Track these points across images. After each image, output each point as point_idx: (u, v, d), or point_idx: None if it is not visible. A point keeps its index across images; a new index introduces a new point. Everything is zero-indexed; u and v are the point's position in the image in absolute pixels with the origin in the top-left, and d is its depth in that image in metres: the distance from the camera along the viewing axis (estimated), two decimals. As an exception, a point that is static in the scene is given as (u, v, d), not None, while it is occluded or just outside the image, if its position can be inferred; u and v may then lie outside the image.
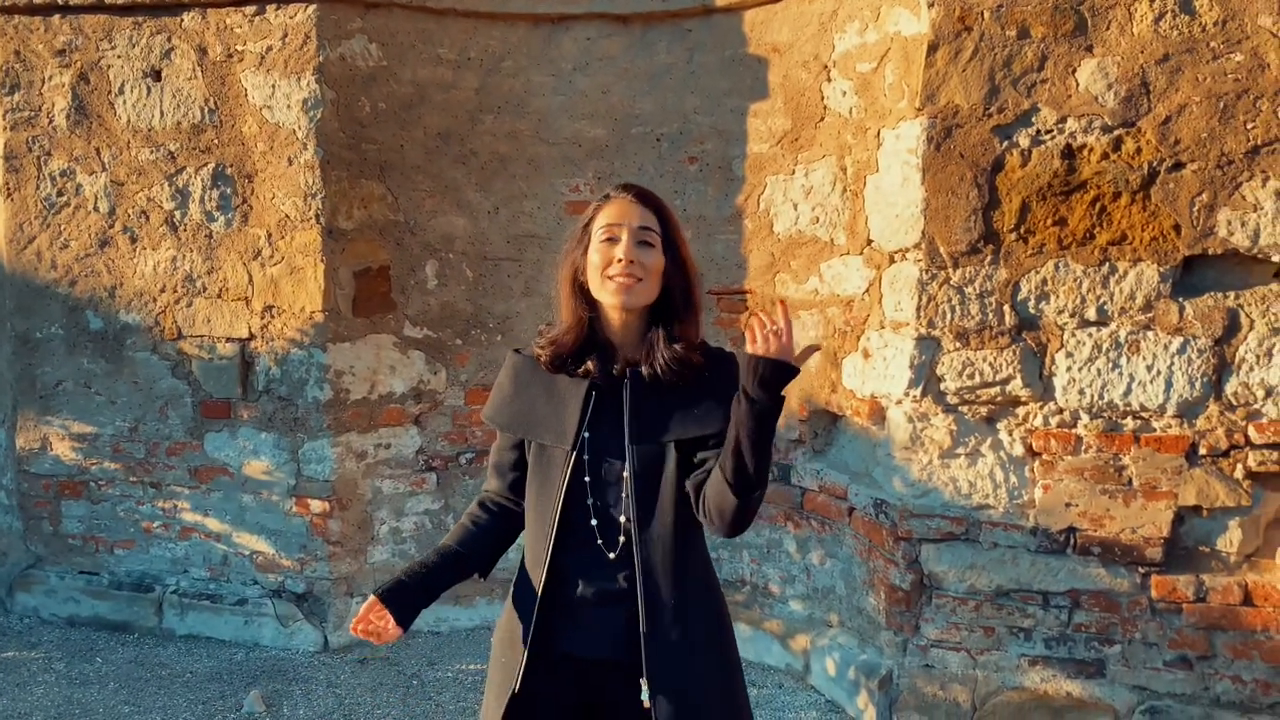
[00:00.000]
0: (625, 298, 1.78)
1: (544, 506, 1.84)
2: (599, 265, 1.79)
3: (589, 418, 1.83)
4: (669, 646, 1.80)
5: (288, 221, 3.90)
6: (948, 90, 3.21)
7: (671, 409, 1.81)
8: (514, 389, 1.93)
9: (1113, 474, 3.19)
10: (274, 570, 4.08)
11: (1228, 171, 3.03)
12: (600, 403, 1.83)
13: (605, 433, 1.82)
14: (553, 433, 1.85)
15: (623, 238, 1.77)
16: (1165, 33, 3.04)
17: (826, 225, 3.73)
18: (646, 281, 1.78)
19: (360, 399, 4.05)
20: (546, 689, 1.83)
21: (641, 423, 1.81)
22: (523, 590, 1.88)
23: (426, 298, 4.17)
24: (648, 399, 1.82)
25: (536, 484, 1.87)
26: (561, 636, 1.83)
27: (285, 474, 4.03)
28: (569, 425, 1.83)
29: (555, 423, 1.85)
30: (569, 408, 1.84)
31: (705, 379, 1.82)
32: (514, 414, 1.91)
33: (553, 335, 1.89)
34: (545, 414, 1.87)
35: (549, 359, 1.87)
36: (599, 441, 1.82)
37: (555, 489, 1.82)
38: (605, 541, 1.81)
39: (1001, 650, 3.33)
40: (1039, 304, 3.21)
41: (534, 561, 1.85)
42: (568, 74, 4.12)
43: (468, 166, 4.16)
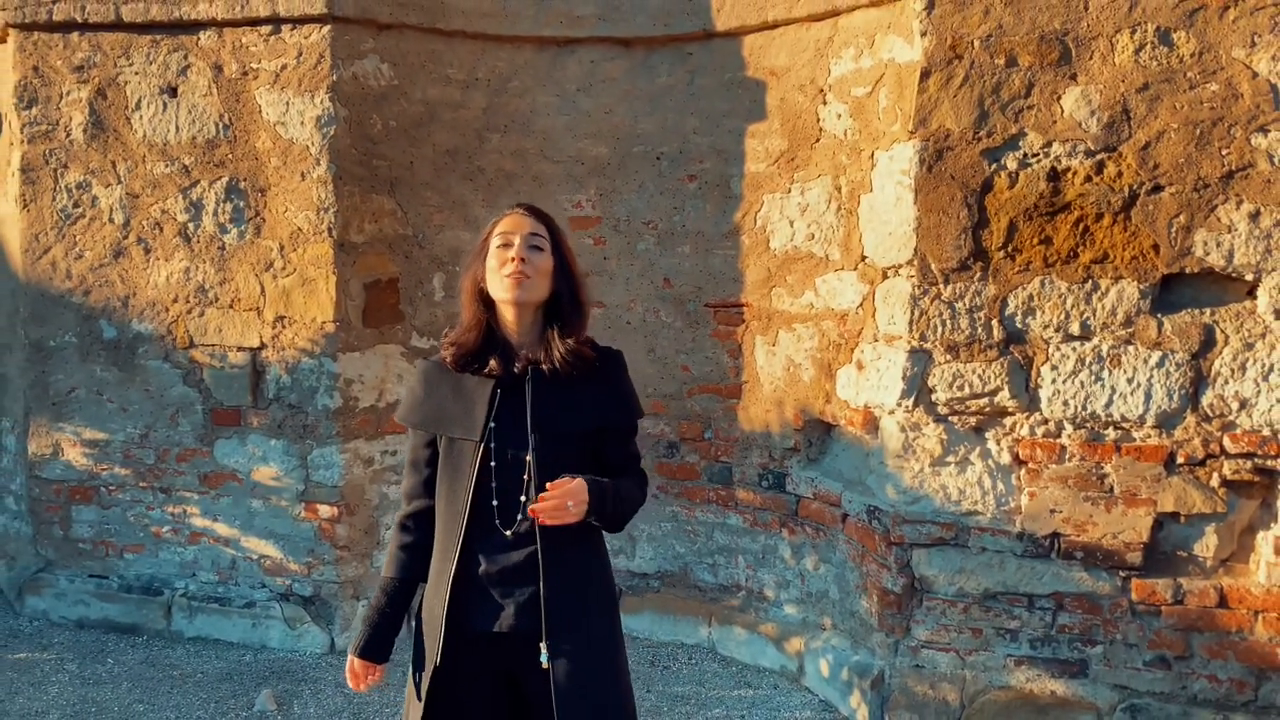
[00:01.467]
0: (518, 291, 1.99)
1: (455, 494, 2.02)
2: (496, 267, 2.01)
3: (494, 411, 2.01)
4: (566, 613, 2.00)
5: (300, 234, 4.02)
6: (939, 115, 3.37)
7: (570, 401, 2.03)
8: (425, 391, 2.10)
9: (1095, 482, 3.34)
10: (282, 574, 4.19)
11: (1204, 195, 3.19)
12: (504, 397, 2.02)
13: (509, 424, 2.01)
14: (462, 426, 2.03)
15: (515, 242, 2.01)
16: (1145, 63, 3.21)
17: (822, 242, 3.88)
18: (536, 279, 2.00)
19: (368, 407, 4.17)
20: (467, 662, 2.01)
21: (542, 413, 2.01)
22: (438, 573, 2.04)
23: (433, 309, 4.29)
24: (548, 392, 2.02)
25: (448, 475, 2.04)
26: (474, 613, 2.01)
27: (294, 480, 4.13)
28: (477, 418, 2.01)
29: (464, 418, 2.03)
30: (476, 404, 2.02)
31: (597, 371, 2.06)
32: (426, 413, 2.08)
33: (454, 337, 2.08)
34: (455, 411, 2.05)
35: (454, 358, 2.05)
36: (503, 431, 2.01)
37: (466, 478, 2.01)
38: (503, 521, 2.00)
39: (989, 651, 3.47)
40: (1025, 319, 3.36)
41: (446, 545, 2.02)
42: (572, 95, 4.26)
43: (475, 183, 4.29)
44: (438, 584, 2.03)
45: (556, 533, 1.97)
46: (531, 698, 2.04)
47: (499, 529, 2.00)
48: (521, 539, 2.00)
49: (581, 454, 2.05)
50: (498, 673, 2.06)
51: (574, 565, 2.04)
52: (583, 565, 2.06)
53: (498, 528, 2.00)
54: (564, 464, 2.00)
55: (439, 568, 2.04)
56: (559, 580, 2.00)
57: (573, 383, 2.04)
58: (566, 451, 2.02)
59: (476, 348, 2.04)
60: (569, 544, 2.02)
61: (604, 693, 2.03)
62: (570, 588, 2.02)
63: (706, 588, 4.35)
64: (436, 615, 2.01)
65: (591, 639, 2.03)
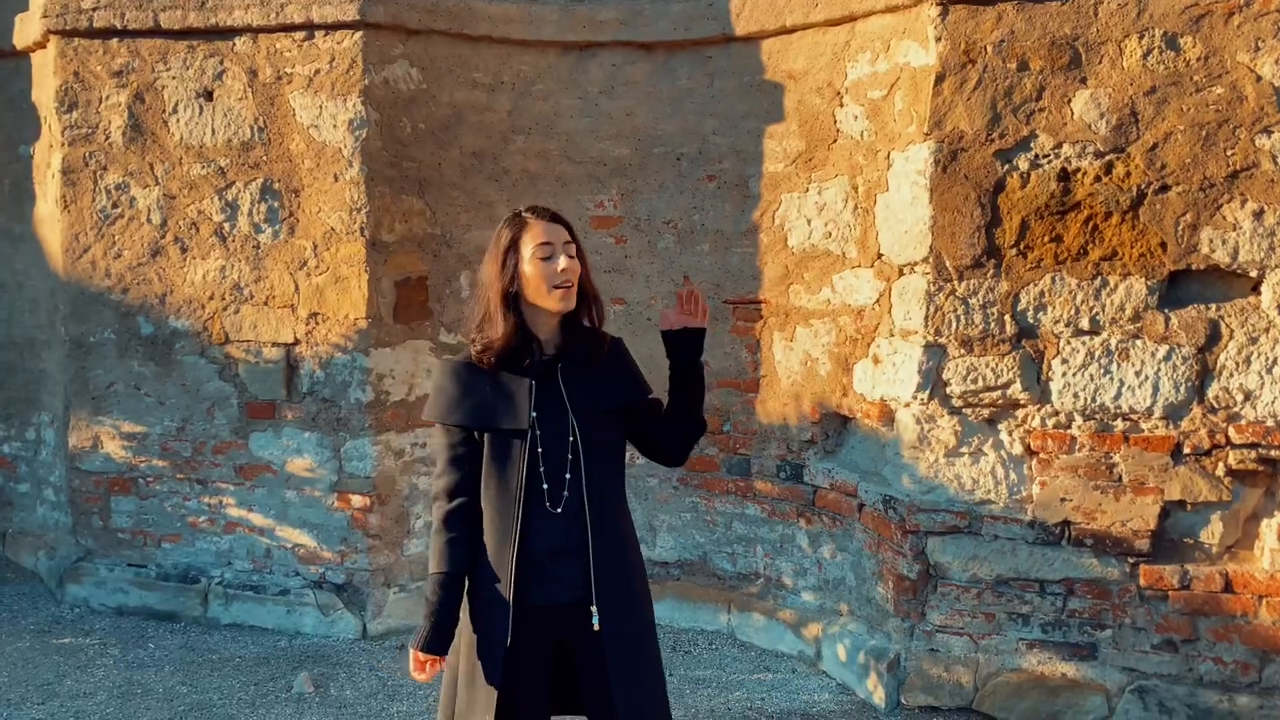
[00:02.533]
0: (568, 302, 2.19)
1: (506, 482, 2.16)
2: (542, 278, 2.16)
3: (534, 402, 2.18)
4: (612, 579, 2.18)
5: (333, 234, 4.16)
6: (954, 117, 3.49)
7: (596, 384, 2.24)
8: (460, 390, 2.22)
9: (1104, 471, 3.46)
10: (315, 562, 4.33)
11: (1210, 194, 3.31)
12: (540, 388, 2.18)
13: (549, 411, 2.18)
14: (509, 419, 2.17)
15: (559, 255, 2.17)
16: (1153, 67, 3.32)
17: (839, 240, 4.00)
18: (576, 286, 2.20)
19: (399, 400, 4.30)
20: (528, 637, 2.16)
21: (578, 398, 2.20)
22: (499, 557, 2.16)
23: (460, 306, 4.43)
24: (578, 379, 2.21)
25: (496, 465, 2.17)
26: (534, 589, 2.16)
27: (327, 471, 4.28)
28: (521, 410, 2.17)
29: (509, 411, 2.18)
30: (518, 396, 2.18)
31: (611, 356, 2.29)
32: (468, 410, 2.20)
33: (488, 340, 2.20)
34: (499, 406, 2.19)
35: (494, 358, 2.18)
36: (545, 419, 2.18)
37: (516, 465, 2.16)
38: (552, 501, 2.15)
39: (1001, 635, 3.59)
40: (1037, 314, 3.48)
41: (503, 530, 2.16)
42: (594, 97, 4.39)
43: (500, 184, 4.42)
44: (499, 566, 2.16)
45: (600, 505, 2.16)
46: (580, 660, 2.21)
47: (548, 509, 2.15)
48: (568, 515, 2.16)
49: (613, 430, 2.25)
50: (552, 643, 2.21)
51: (614, 534, 2.22)
52: (621, 534, 2.25)
53: (547, 508, 2.15)
54: (602, 440, 2.20)
55: (498, 552, 2.17)
56: (604, 548, 2.17)
57: (593, 368, 2.24)
58: (601, 430, 2.21)
59: (512, 348, 2.18)
60: (610, 515, 2.20)
61: (647, 651, 2.23)
62: (613, 555, 2.19)
63: (725, 576, 4.48)
64: (501, 596, 2.14)
65: (632, 601, 2.22)
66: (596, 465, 2.18)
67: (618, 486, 2.28)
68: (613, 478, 2.25)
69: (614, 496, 2.24)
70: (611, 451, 2.25)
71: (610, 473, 2.24)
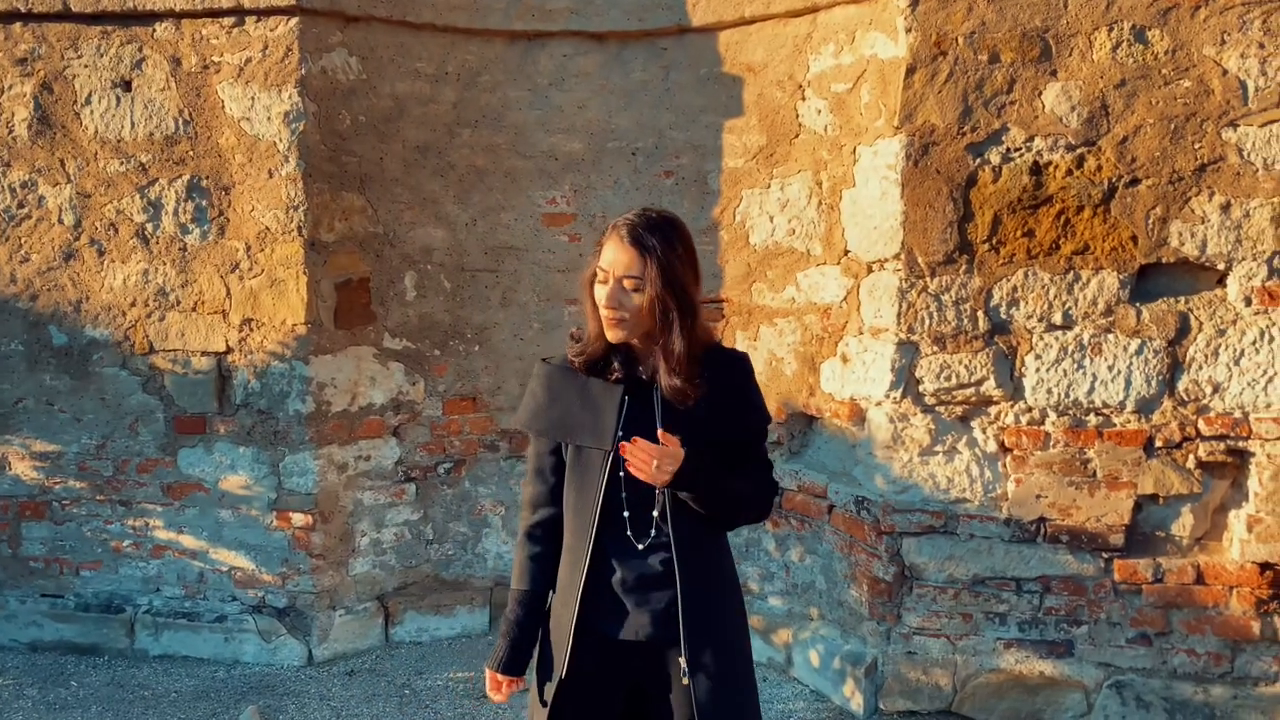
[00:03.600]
0: (615, 334, 1.94)
1: (584, 503, 1.98)
2: (596, 303, 1.97)
3: (623, 420, 1.96)
4: (703, 623, 1.97)
5: (268, 234, 3.88)
6: (925, 110, 3.42)
7: (698, 409, 1.96)
8: (548, 397, 2.05)
9: (1078, 467, 3.44)
10: (254, 585, 4.04)
11: (1178, 187, 3.31)
12: (633, 405, 1.98)
13: (638, 433, 1.94)
14: (591, 435, 1.98)
15: (608, 285, 1.93)
16: (1122, 60, 3.31)
17: (803, 237, 3.91)
18: (631, 320, 1.92)
19: (341, 411, 4.05)
20: (594, 672, 1.99)
21: (671, 424, 1.95)
22: (568, 582, 2.01)
23: (405, 309, 4.20)
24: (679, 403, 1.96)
25: (575, 483, 2.01)
26: (605, 621, 1.98)
27: (265, 488, 4.00)
28: (606, 427, 1.97)
29: (592, 426, 1.98)
30: (604, 411, 1.98)
31: (717, 380, 1.98)
32: (552, 420, 2.04)
33: (584, 344, 2.04)
34: (582, 418, 2.00)
35: (584, 363, 2.01)
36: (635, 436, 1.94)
37: (594, 488, 1.97)
38: (635, 533, 1.96)
39: (979, 635, 3.54)
40: (1009, 310, 3.44)
41: (576, 555, 1.99)
42: (544, 89, 4.21)
43: (446, 179, 4.21)
44: (567, 593, 1.99)
45: (691, 539, 1.95)
46: (658, 710, 2.01)
47: (630, 540, 1.97)
48: (654, 548, 1.97)
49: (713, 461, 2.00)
50: (624, 683, 2.03)
51: (708, 572, 2.01)
52: (716, 572, 2.04)
53: (629, 539, 1.97)
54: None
55: (568, 577, 2.00)
56: (695, 589, 1.96)
57: (699, 391, 1.97)
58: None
59: (603, 356, 1.99)
60: (703, 550, 1.99)
61: (743, 706, 2.01)
62: (706, 596, 1.98)
63: (687, 583, 4.35)
64: (565, 624, 1.97)
65: (727, 647, 2.00)
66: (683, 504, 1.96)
67: (712, 524, 2.03)
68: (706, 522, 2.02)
69: (710, 534, 2.01)
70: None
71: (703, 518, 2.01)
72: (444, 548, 4.36)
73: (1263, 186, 3.26)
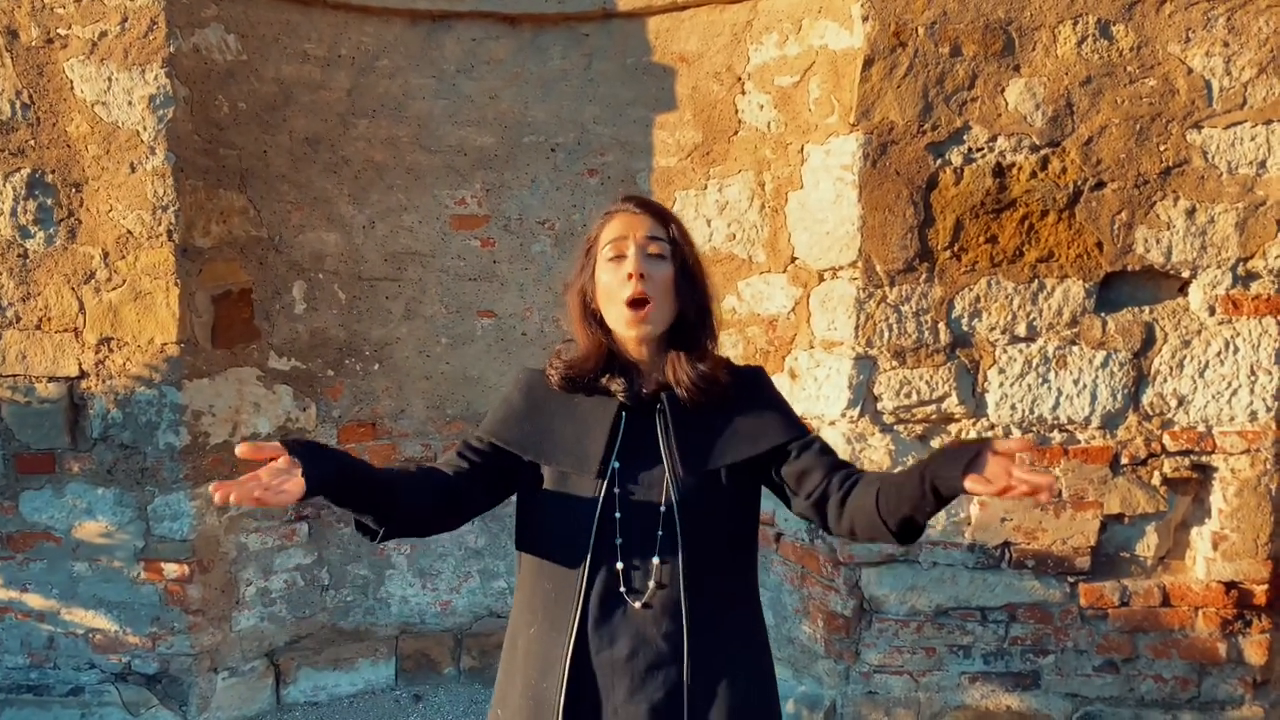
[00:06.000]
0: (644, 328, 1.59)
1: (570, 546, 1.57)
2: (612, 289, 1.60)
3: (619, 444, 1.59)
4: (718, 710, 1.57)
5: (130, 238, 3.31)
6: (883, 106, 3.15)
7: (714, 433, 1.61)
8: (527, 405, 1.67)
9: (1044, 487, 3.23)
10: (117, 650, 3.45)
11: (1144, 191, 3.15)
12: (630, 427, 1.61)
13: (638, 462, 1.59)
14: (573, 457, 1.59)
15: (630, 252, 1.58)
16: (1087, 56, 3.12)
17: (744, 242, 3.60)
18: (659, 301, 1.58)
19: (221, 443, 3.50)
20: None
21: (685, 450, 1.58)
22: (545, 650, 1.59)
23: (294, 324, 3.68)
24: (686, 424, 1.60)
25: (557, 524, 1.61)
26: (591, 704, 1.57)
27: (131, 535, 3.41)
28: (594, 450, 1.59)
29: (577, 446, 1.60)
30: (594, 430, 1.60)
31: (734, 397, 1.64)
32: (527, 432, 1.64)
33: (570, 358, 1.66)
34: (567, 434, 1.61)
35: (566, 381, 1.63)
36: (631, 472, 1.59)
37: (583, 527, 1.56)
38: (629, 588, 1.56)
39: (943, 670, 3.31)
40: (972, 321, 3.21)
41: (555, 615, 1.58)
42: (451, 76, 3.76)
43: (339, 175, 3.71)
44: (546, 664, 1.56)
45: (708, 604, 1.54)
46: None
47: (623, 597, 1.55)
48: (659, 613, 1.55)
49: (732, 502, 1.61)
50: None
51: (729, 640, 1.59)
52: (741, 640, 1.62)
53: (622, 596, 1.55)
54: (715, 511, 1.58)
55: (546, 642, 1.57)
56: (710, 664, 1.55)
57: (708, 410, 1.61)
58: (716, 496, 1.59)
59: (595, 372, 1.61)
60: (725, 619, 1.58)
61: None
62: (724, 674, 1.57)
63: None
64: (548, 704, 1.54)
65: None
66: (703, 547, 1.56)
67: (740, 577, 1.63)
68: (732, 564, 1.62)
69: (732, 592, 1.60)
70: (732, 526, 1.61)
71: (727, 558, 1.61)
72: (342, 594, 3.86)
73: (1227, 191, 3.13)
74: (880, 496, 1.51)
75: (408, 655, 3.84)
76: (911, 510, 1.47)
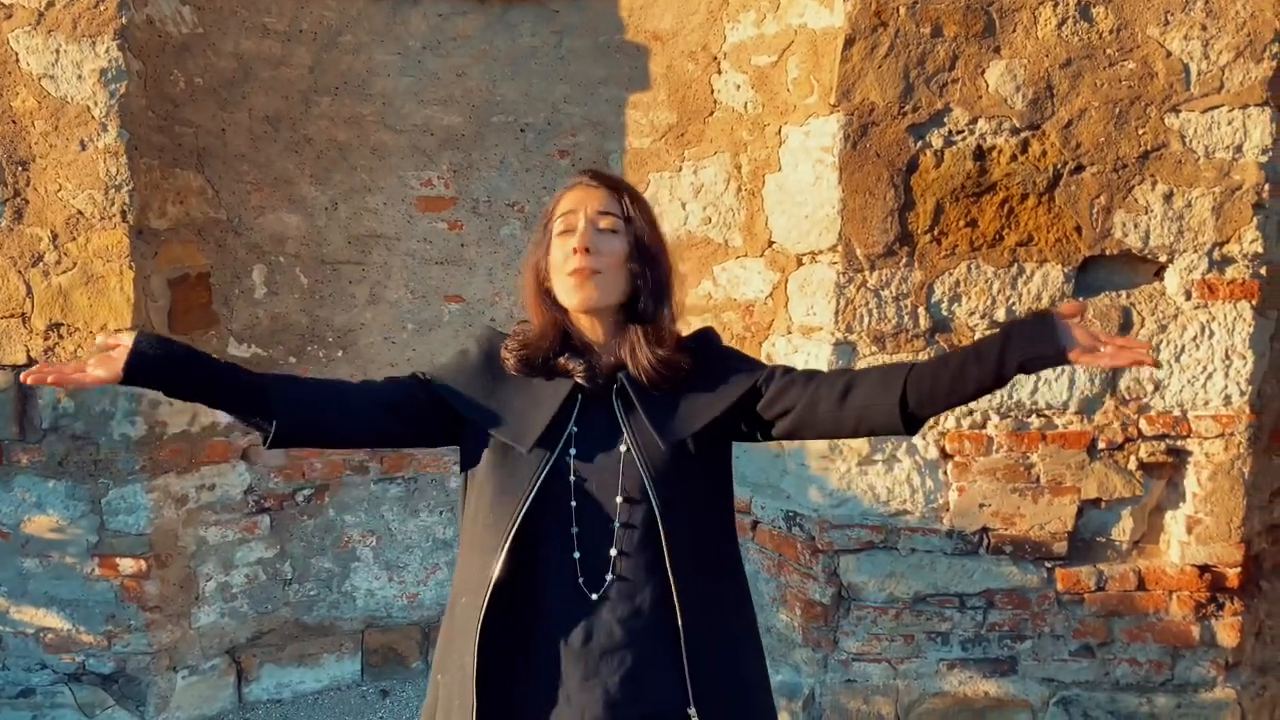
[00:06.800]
0: (586, 295, 1.52)
1: (495, 525, 1.50)
2: (559, 263, 1.54)
3: (573, 428, 1.53)
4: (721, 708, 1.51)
5: (81, 219, 3.16)
6: (864, 87, 3.10)
7: (675, 407, 1.54)
8: (483, 364, 1.60)
9: (1022, 472, 3.22)
10: (70, 649, 3.31)
11: (1122, 175, 3.13)
12: (586, 407, 1.54)
13: (594, 447, 1.53)
14: (513, 430, 1.52)
15: (579, 225, 1.52)
16: (1067, 38, 3.09)
17: (720, 226, 3.53)
18: (608, 274, 1.52)
19: (179, 433, 3.37)
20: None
21: (648, 430, 1.52)
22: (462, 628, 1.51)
23: (254, 309, 3.55)
24: (648, 403, 1.54)
25: (487, 494, 1.53)
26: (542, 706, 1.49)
27: (84, 529, 3.27)
28: (536, 424, 1.52)
29: (520, 420, 1.53)
30: (543, 407, 1.53)
31: (691, 368, 1.58)
32: (474, 391, 1.57)
33: (525, 338, 1.59)
34: (515, 407, 1.54)
35: (519, 362, 1.56)
36: (589, 456, 1.52)
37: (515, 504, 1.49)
38: (588, 580, 1.49)
39: (921, 657, 3.29)
40: (951, 306, 3.18)
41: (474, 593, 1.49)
42: (416, 53, 3.64)
43: (301, 155, 3.58)
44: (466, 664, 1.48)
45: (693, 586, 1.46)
46: None
47: (582, 589, 1.48)
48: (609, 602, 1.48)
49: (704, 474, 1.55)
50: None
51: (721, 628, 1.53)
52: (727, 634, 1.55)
53: (580, 586, 1.48)
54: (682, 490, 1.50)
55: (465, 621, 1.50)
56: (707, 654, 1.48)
57: (673, 389, 1.55)
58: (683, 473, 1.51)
59: (550, 351, 1.54)
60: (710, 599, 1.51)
61: None
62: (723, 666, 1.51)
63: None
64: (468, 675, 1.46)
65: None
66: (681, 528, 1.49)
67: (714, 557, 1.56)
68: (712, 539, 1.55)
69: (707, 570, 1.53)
70: (706, 499, 1.55)
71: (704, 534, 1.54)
72: (305, 588, 3.74)
73: (1204, 175, 3.12)
74: (914, 387, 1.44)
75: (374, 650, 3.74)
76: (974, 392, 1.42)
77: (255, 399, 1.48)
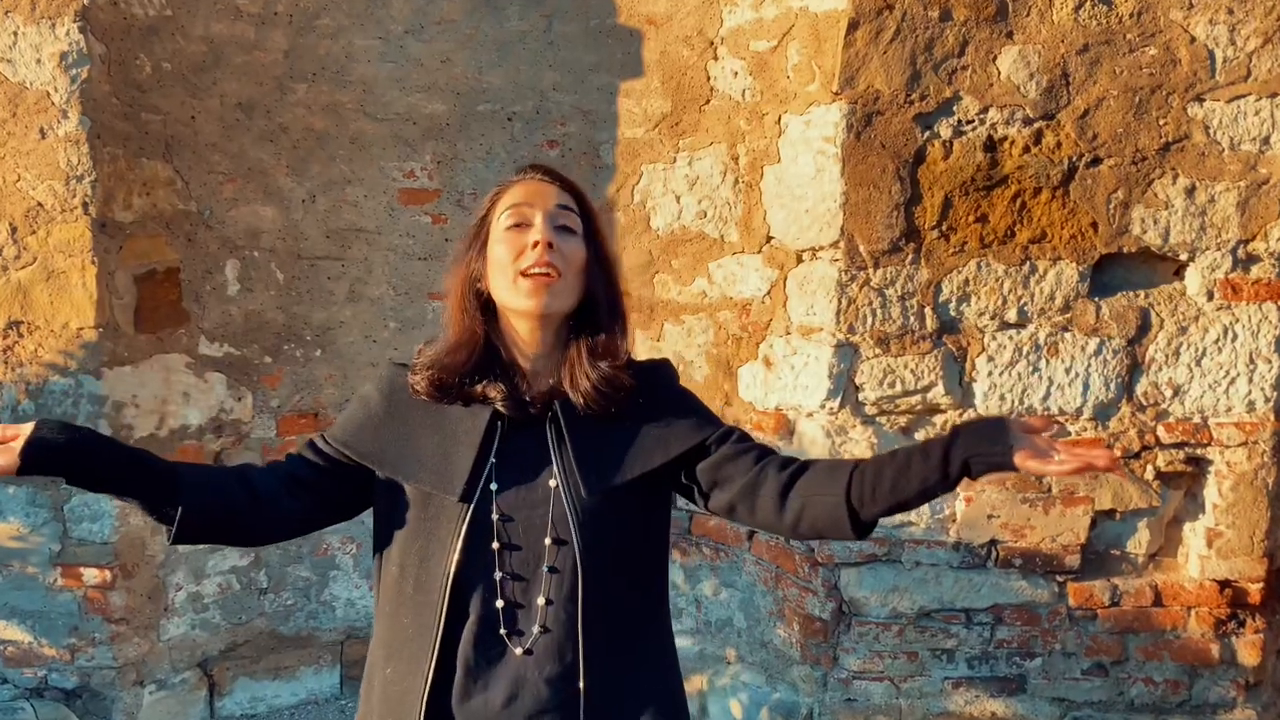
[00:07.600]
0: (545, 299, 1.35)
1: (427, 580, 1.35)
2: (507, 259, 1.36)
3: (493, 460, 1.36)
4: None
5: (41, 212, 2.99)
6: (868, 73, 2.93)
7: (615, 444, 1.39)
8: (387, 409, 1.42)
9: (1033, 482, 3.06)
10: (32, 663, 3.16)
11: (1141, 168, 2.96)
12: (509, 441, 1.37)
13: (519, 480, 1.37)
14: (436, 475, 1.36)
15: (536, 220, 1.36)
16: (1084, 22, 2.92)
17: (715, 220, 3.36)
18: (567, 278, 1.37)
19: (147, 436, 3.21)
20: None
21: (583, 465, 1.36)
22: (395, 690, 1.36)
23: (227, 306, 3.38)
24: (584, 435, 1.38)
25: (416, 546, 1.37)
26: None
27: (45, 537, 3.12)
28: (460, 466, 1.35)
29: (442, 463, 1.36)
30: (463, 443, 1.36)
31: (639, 400, 1.42)
32: (385, 442, 1.40)
33: (435, 354, 1.41)
34: (430, 450, 1.37)
35: (430, 385, 1.38)
36: (513, 495, 1.36)
37: (445, 556, 1.34)
38: (510, 630, 1.34)
39: (925, 675, 3.12)
40: (960, 306, 3.01)
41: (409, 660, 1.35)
42: (398, 38, 3.47)
43: (276, 145, 3.41)
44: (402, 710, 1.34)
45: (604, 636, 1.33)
46: None
47: (504, 641, 1.33)
48: (539, 654, 1.33)
49: (639, 521, 1.40)
50: None
51: (634, 691, 1.38)
52: (651, 688, 1.40)
53: (503, 639, 1.33)
54: (614, 539, 1.35)
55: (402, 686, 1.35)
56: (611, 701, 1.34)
57: (606, 418, 1.38)
58: (618, 519, 1.37)
59: (466, 371, 1.36)
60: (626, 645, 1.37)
61: None
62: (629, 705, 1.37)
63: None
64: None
65: None
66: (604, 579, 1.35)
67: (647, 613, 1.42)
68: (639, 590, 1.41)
69: (639, 622, 1.39)
70: (639, 549, 1.41)
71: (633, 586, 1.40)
72: (281, 597, 3.58)
73: (1229, 168, 2.95)
74: (858, 481, 1.32)
75: (354, 662, 3.58)
76: (918, 493, 1.29)
77: (164, 486, 1.34)
